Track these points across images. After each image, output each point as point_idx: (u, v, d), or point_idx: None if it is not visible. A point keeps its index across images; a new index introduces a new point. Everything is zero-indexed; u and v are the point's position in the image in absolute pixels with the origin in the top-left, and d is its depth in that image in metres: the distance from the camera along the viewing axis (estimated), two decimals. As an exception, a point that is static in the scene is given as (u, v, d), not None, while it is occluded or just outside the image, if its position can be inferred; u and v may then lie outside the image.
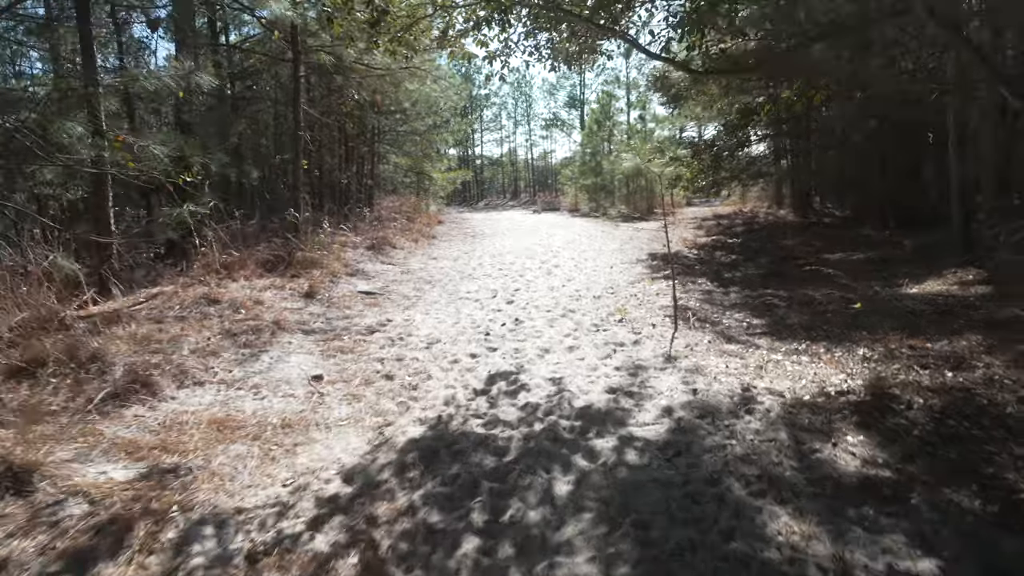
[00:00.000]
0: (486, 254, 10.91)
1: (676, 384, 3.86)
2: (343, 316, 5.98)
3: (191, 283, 6.31)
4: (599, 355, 4.57)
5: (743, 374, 4.00)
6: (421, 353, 4.75)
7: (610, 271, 8.54)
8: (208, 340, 4.63)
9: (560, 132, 44.92)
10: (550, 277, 8.18)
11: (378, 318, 5.94)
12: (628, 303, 6.33)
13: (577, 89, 42.03)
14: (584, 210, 23.64)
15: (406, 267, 9.42)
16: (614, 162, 20.26)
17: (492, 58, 5.57)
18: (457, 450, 3.03)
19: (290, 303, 6.32)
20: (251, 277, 7.04)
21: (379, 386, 4.01)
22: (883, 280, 6.56)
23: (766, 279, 7.39)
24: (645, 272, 8.32)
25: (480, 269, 9.12)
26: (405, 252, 11.06)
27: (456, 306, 6.53)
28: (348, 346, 4.90)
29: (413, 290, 7.54)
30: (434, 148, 21.66)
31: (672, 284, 5.80)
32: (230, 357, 4.42)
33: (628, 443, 3.04)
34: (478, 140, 46.33)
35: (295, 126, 8.19)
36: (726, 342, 4.81)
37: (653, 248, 11.08)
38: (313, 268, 7.74)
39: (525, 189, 47.18)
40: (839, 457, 2.79)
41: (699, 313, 5.76)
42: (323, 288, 7.03)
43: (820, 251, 8.94)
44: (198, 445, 2.98)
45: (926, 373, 3.76)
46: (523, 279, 8.10)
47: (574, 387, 3.86)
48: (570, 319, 5.74)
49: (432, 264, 9.80)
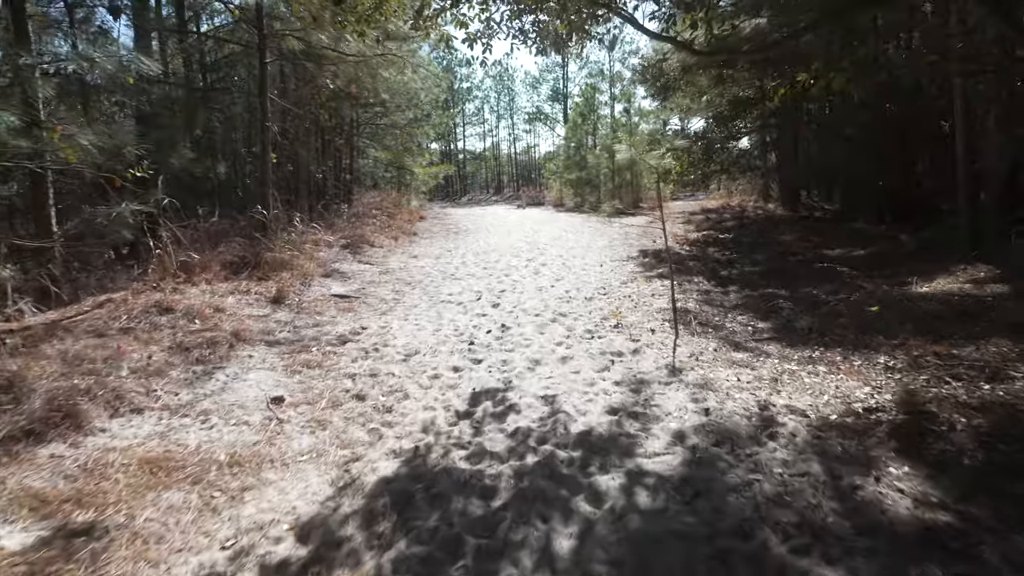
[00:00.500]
0: (469, 252, 10.41)
1: (685, 402, 3.42)
2: (313, 324, 5.46)
3: (144, 289, 5.74)
4: (596, 367, 4.12)
5: (758, 389, 3.58)
6: (398, 367, 4.26)
7: (600, 269, 8.11)
8: (154, 357, 4.09)
9: (543, 126, 44.45)
10: (538, 277, 7.72)
11: (352, 325, 5.43)
12: (623, 305, 5.89)
13: (560, 83, 41.61)
14: (569, 205, 23.22)
15: (385, 267, 8.90)
16: (600, 156, 19.83)
17: (473, 40, 5.07)
18: (436, 493, 2.56)
19: (255, 310, 5.78)
20: (213, 281, 6.47)
21: (348, 409, 3.52)
22: (889, 278, 6.21)
23: (766, 277, 7.01)
24: (638, 270, 7.90)
25: (463, 268, 8.63)
26: (384, 250, 10.52)
27: (438, 310, 6.04)
28: (316, 360, 4.39)
29: (391, 292, 7.03)
30: (415, 142, 21.04)
31: (671, 285, 5.37)
32: (178, 377, 3.89)
33: (638, 480, 2.59)
34: (460, 134, 45.68)
35: (262, 117, 7.60)
36: (733, 350, 4.39)
37: (643, 244, 10.68)
38: (283, 270, 7.19)
39: (509, 184, 46.63)
40: (886, 496, 2.37)
41: (700, 316, 5.35)
42: (293, 292, 6.49)
43: (818, 247, 8.61)
44: (123, 495, 2.47)
45: (960, 386, 3.37)
46: (509, 279, 7.63)
47: (570, 407, 3.41)
48: (561, 324, 5.29)
49: (413, 263, 9.28)
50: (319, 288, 7.01)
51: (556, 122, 42.85)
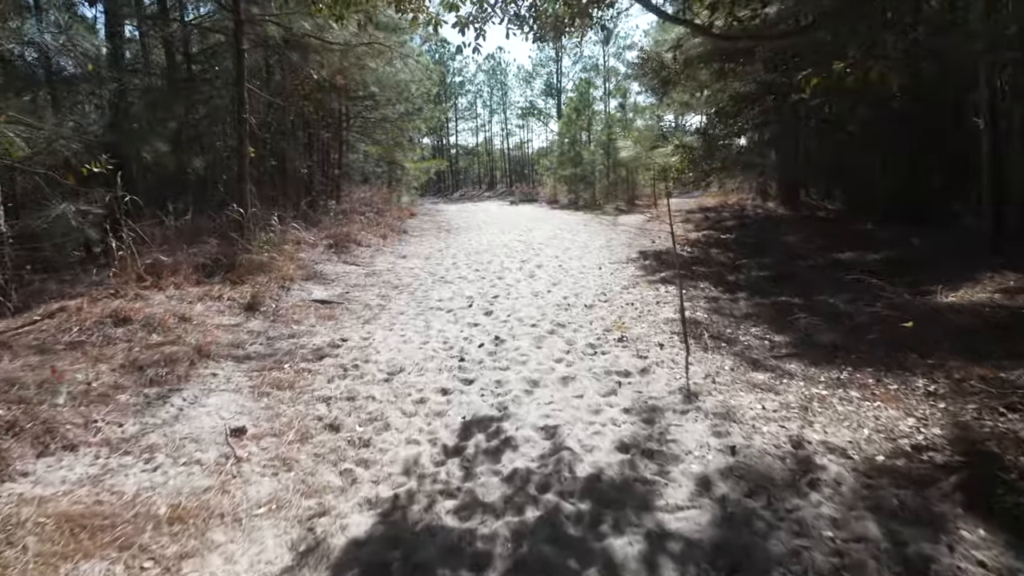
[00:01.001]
0: (461, 252, 9.94)
1: (706, 436, 2.99)
2: (289, 334, 4.98)
3: (104, 295, 5.24)
4: (601, 390, 3.69)
5: (786, 419, 3.16)
6: (379, 389, 3.80)
7: (600, 273, 7.67)
8: (101, 378, 3.61)
9: (537, 121, 43.92)
10: (533, 280, 7.27)
11: (331, 336, 4.95)
12: (626, 315, 5.46)
13: (554, 77, 41.11)
14: (563, 201, 22.79)
15: (371, 268, 8.41)
16: (595, 152, 19.39)
17: (464, 25, 4.59)
18: (418, 563, 2.11)
19: (225, 318, 5.29)
20: (183, 285, 5.97)
21: (319, 442, 3.06)
22: (910, 286, 5.82)
23: (776, 283, 6.60)
24: (639, 274, 7.47)
25: (454, 271, 8.16)
26: (372, 250, 10.03)
27: (426, 319, 5.58)
28: (288, 379, 3.92)
29: (377, 297, 6.56)
30: (406, 136, 20.49)
31: (679, 295, 4.94)
32: (127, 402, 3.41)
33: (661, 546, 2.16)
34: (453, 129, 45.09)
35: (239, 108, 7.08)
36: (752, 368, 3.97)
37: (643, 245, 10.26)
38: (260, 273, 6.70)
39: (501, 179, 46.11)
40: (967, 573, 1.95)
41: (711, 328, 4.92)
42: (269, 297, 6.00)
43: (826, 249, 8.21)
44: (28, 570, 2.00)
45: (1018, 419, 2.96)
46: (503, 283, 7.17)
47: (575, 442, 2.96)
48: (560, 337, 4.84)
49: (401, 264, 8.80)
50: (299, 292, 6.52)
51: (550, 117, 42.37)
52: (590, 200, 20.56)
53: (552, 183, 23.98)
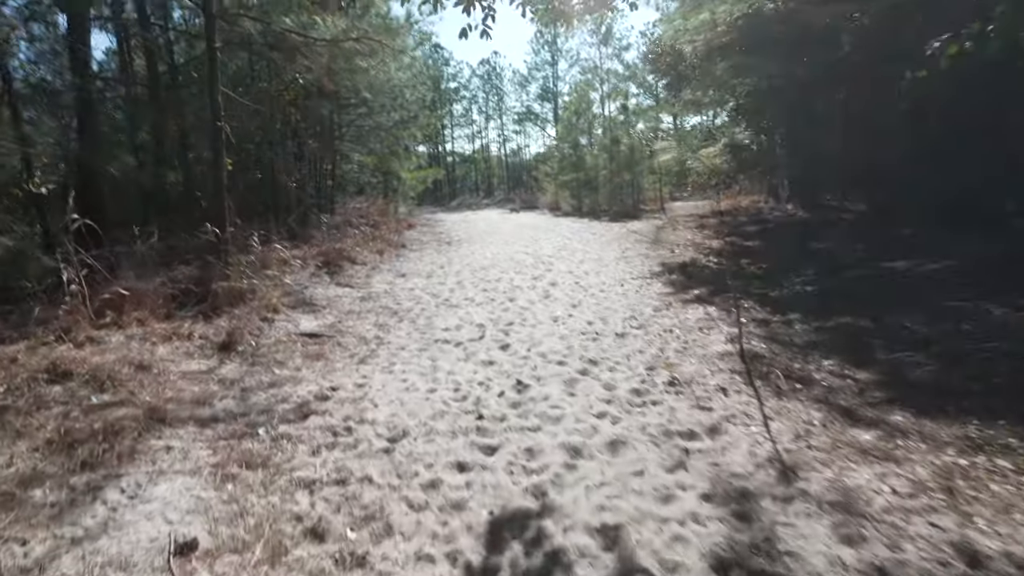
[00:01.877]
0: (465, 268, 9.12)
1: (832, 544, 2.15)
2: (268, 382, 4.14)
3: (48, 339, 4.40)
4: (665, 461, 2.85)
5: (931, 509, 2.32)
6: (377, 464, 2.96)
7: (623, 291, 6.85)
8: (13, 464, 2.77)
9: (534, 126, 43.24)
10: (550, 302, 6.44)
11: (319, 383, 4.12)
12: (668, 347, 4.63)
13: (550, 81, 40.42)
14: (565, 208, 22.01)
15: (367, 290, 7.59)
16: (599, 156, 18.62)
17: (470, 2, 3.78)
18: None
19: (194, 362, 4.45)
20: (148, 321, 5.14)
21: (297, 562, 2.21)
22: (994, 300, 4.99)
23: (827, 299, 5.78)
24: (668, 292, 6.65)
25: (460, 291, 7.33)
26: (368, 268, 9.21)
27: (431, 355, 4.74)
28: (262, 452, 3.08)
29: (374, 327, 5.73)
30: (402, 145, 19.71)
31: (737, 322, 4.12)
32: (40, 503, 2.56)
33: None
34: (448, 136, 44.39)
35: (213, 115, 6.26)
36: (849, 423, 3.14)
37: (662, 255, 9.44)
38: (240, 302, 5.87)
39: (499, 186, 45.40)
40: None
41: (775, 363, 4.10)
42: (249, 332, 5.16)
43: (871, 258, 7.40)
44: None
45: None
46: (516, 305, 6.35)
47: (650, 557, 2.13)
48: (595, 379, 4.01)
49: (400, 284, 7.97)
50: (284, 324, 5.69)
51: (547, 122, 41.72)
52: (594, 206, 19.79)
53: (553, 189, 23.21)
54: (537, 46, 39.48)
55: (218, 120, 6.22)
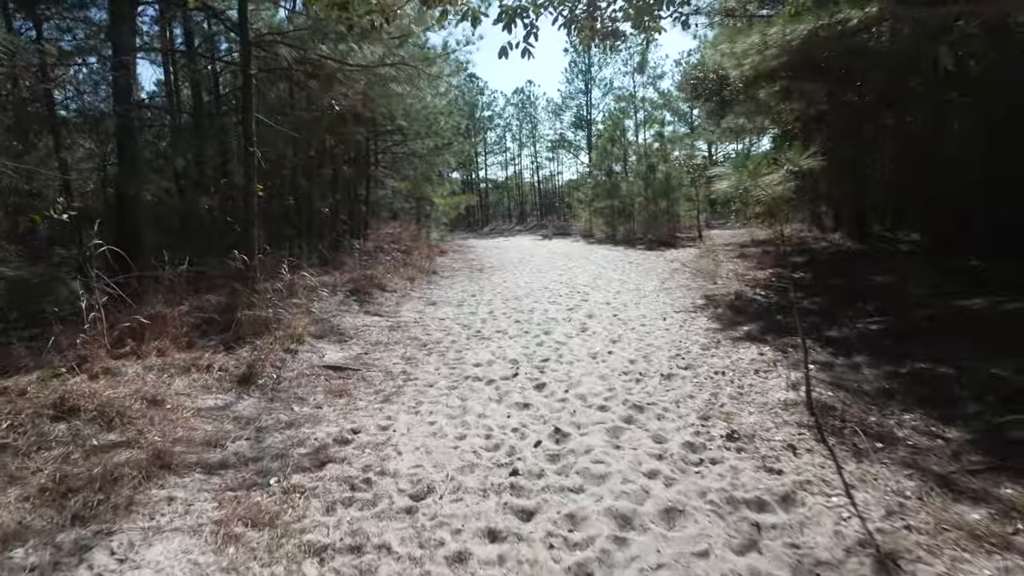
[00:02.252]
0: (497, 297, 8.80)
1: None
2: (286, 422, 3.85)
3: (60, 371, 4.22)
4: (734, 539, 2.42)
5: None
6: (397, 528, 2.60)
7: (666, 326, 6.41)
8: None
9: (567, 153, 43.28)
10: (588, 336, 6.05)
11: (340, 424, 3.81)
12: (722, 391, 4.18)
13: (584, 109, 40.48)
14: (598, 235, 21.64)
15: (397, 319, 7.33)
16: (634, 183, 18.24)
17: (511, 18, 3.53)
18: None
19: (211, 397, 4.21)
20: (168, 351, 4.95)
21: (297, 659, 1.86)
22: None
23: (896, 340, 5.23)
24: (716, 328, 6.18)
25: (492, 322, 7.00)
26: (398, 295, 8.98)
27: (461, 395, 4.40)
28: (271, 507, 2.76)
29: (401, 361, 5.43)
30: (435, 171, 19.80)
31: (804, 366, 3.66)
32: (21, 565, 2.28)
33: None
34: (482, 163, 44.78)
35: (245, 141, 6.17)
36: (951, 495, 2.65)
37: (704, 287, 8.95)
38: (264, 331, 5.66)
39: (531, 212, 45.39)
40: None
41: (849, 415, 3.61)
42: (271, 364, 4.92)
43: (942, 293, 6.78)
44: None
45: None
46: (551, 339, 5.97)
47: (728, 677, 1.70)
48: (643, 429, 3.59)
49: (430, 314, 7.70)
50: (309, 355, 5.44)
51: (580, 149, 41.73)
52: (628, 234, 19.36)
53: (587, 216, 22.88)
54: (571, 75, 39.73)
55: (250, 146, 6.12)
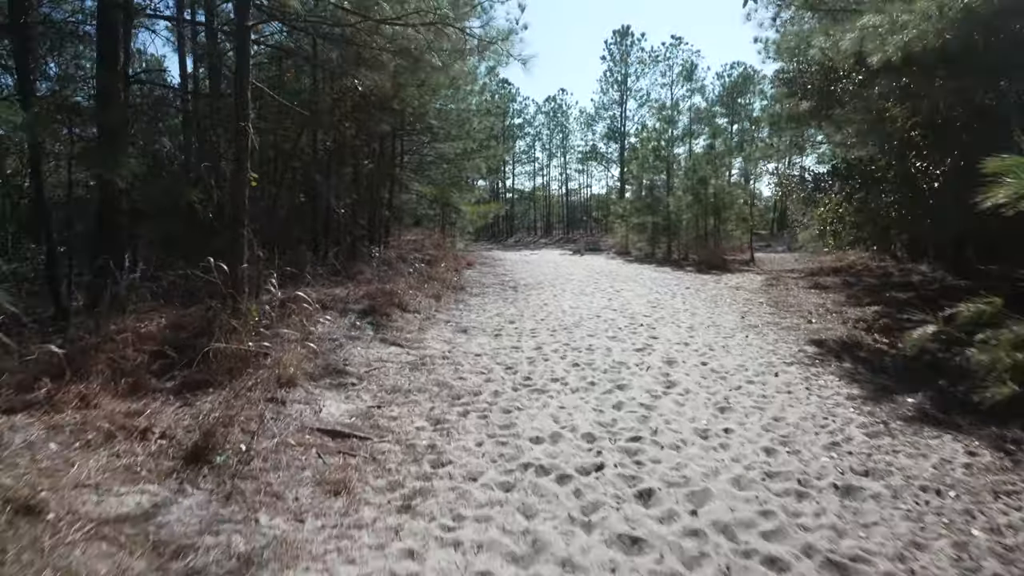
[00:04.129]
0: (542, 326, 7.20)
1: None
2: (237, 557, 2.28)
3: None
4: None
5: None
6: None
7: (782, 383, 4.74)
8: None
9: (598, 166, 41.73)
10: (680, 398, 4.41)
11: (327, 561, 2.24)
12: (954, 528, 2.52)
13: (617, 121, 38.85)
14: (636, 253, 19.99)
15: (420, 350, 5.77)
16: (682, 198, 16.55)
17: None
18: None
19: (135, 492, 2.66)
20: (96, 399, 3.43)
21: None
22: None
23: None
24: (859, 394, 4.49)
25: (542, 363, 5.40)
26: (421, 317, 7.43)
27: (523, 506, 2.78)
28: None
29: (427, 424, 3.85)
30: (464, 176, 18.36)
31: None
32: None
33: None
34: (509, 172, 43.43)
35: (237, 112, 4.70)
36: None
37: (797, 326, 7.24)
38: (243, 369, 4.13)
39: (558, 225, 43.83)
40: None
41: None
42: (241, 428, 3.37)
43: None
44: None
45: None
46: (630, 398, 4.35)
47: None
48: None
49: (462, 345, 6.13)
50: (300, 406, 3.90)
51: (612, 162, 40.14)
52: (669, 253, 17.67)
53: (623, 232, 21.23)
54: (606, 84, 38.19)
55: (242, 120, 4.63)
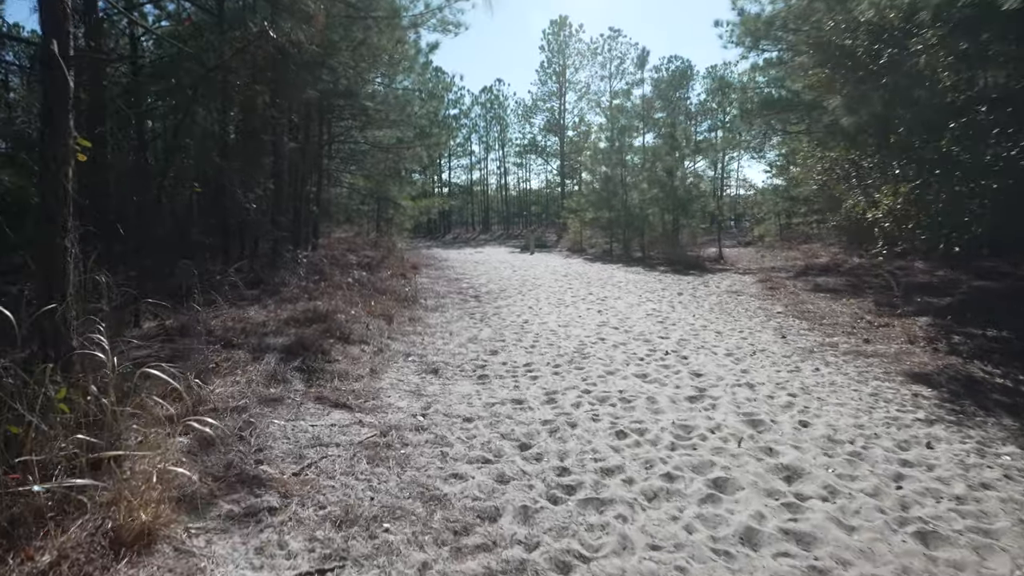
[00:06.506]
0: (538, 359, 5.37)
1: None
2: None
3: None
4: None
5: None
6: None
7: (955, 463, 3.19)
8: None
9: (537, 159, 40.33)
10: (820, 497, 2.73)
11: None
12: None
13: (556, 113, 37.51)
14: (591, 251, 18.58)
15: (379, 415, 3.79)
16: (647, 192, 15.19)
17: None
18: None
19: None
20: None
21: None
22: None
23: None
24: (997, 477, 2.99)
25: (571, 436, 3.57)
26: (371, 352, 5.38)
27: None
28: None
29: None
30: (403, 167, 16.15)
31: None
32: None
33: None
34: (445, 165, 41.18)
35: (43, 31, 2.56)
36: None
37: (858, 347, 5.82)
38: (37, 532, 2.02)
39: (497, 222, 42.10)
40: None
41: None
42: None
43: None
44: None
45: None
46: (742, 510, 2.63)
47: None
48: None
49: (437, 399, 4.18)
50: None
51: (552, 156, 38.84)
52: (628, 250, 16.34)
53: (577, 228, 19.76)
54: (544, 75, 36.73)
55: (51, 44, 2.49)
